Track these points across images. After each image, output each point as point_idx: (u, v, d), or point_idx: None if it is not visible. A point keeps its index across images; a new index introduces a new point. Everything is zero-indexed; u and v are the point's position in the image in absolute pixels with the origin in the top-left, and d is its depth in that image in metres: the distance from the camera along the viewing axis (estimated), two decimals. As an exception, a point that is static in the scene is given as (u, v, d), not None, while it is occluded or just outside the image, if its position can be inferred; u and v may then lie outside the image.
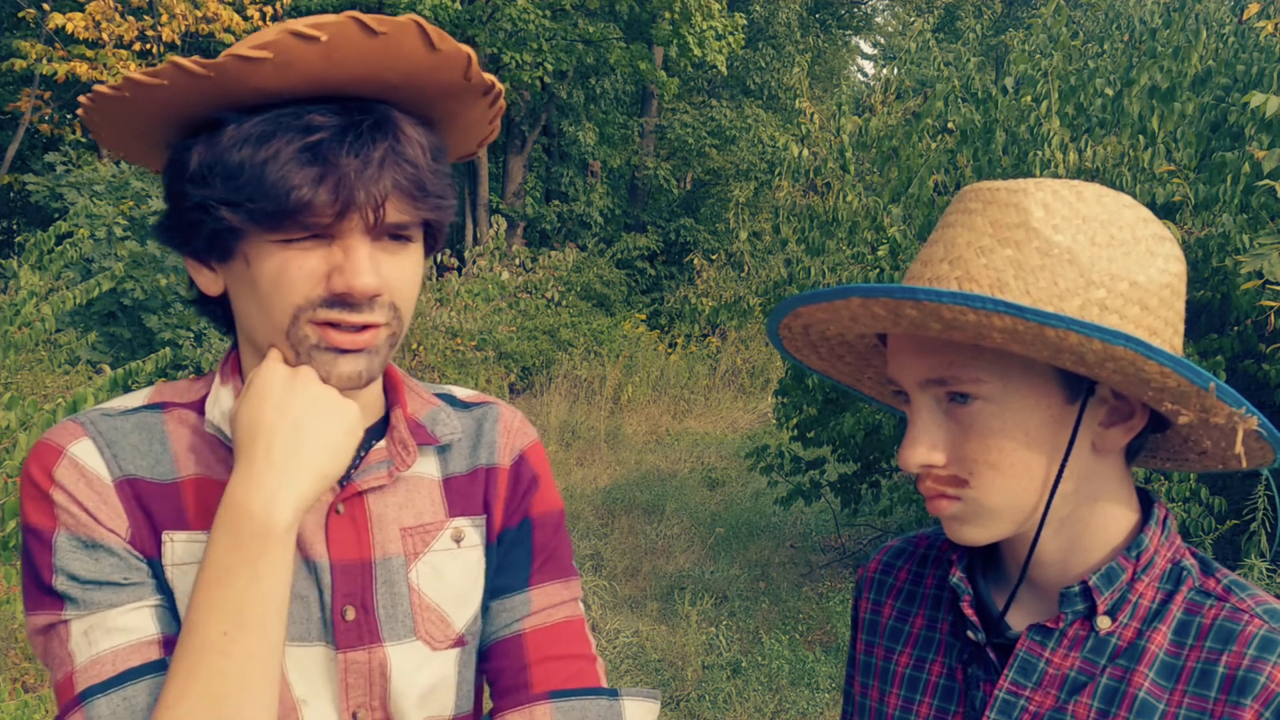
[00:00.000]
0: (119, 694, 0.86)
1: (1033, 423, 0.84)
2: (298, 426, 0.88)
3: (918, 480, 0.90)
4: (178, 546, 0.92)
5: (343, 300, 0.88)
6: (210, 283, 0.95)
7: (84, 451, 0.92)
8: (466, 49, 0.90)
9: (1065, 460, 0.84)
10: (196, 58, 0.83)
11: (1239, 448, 0.82)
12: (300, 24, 0.83)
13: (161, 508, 0.93)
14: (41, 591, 0.90)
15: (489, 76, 0.94)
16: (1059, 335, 0.75)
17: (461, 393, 1.11)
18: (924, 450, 0.87)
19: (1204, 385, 0.76)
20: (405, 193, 0.89)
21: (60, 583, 0.88)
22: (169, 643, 0.90)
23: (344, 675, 0.95)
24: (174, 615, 0.92)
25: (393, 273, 0.91)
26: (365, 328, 0.90)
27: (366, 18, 0.83)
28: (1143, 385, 0.79)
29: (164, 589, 0.92)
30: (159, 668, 0.88)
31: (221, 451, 0.96)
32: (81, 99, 0.91)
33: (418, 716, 0.98)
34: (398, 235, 0.91)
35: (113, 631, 0.88)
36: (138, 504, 0.92)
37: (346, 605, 0.95)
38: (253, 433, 0.88)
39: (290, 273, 0.87)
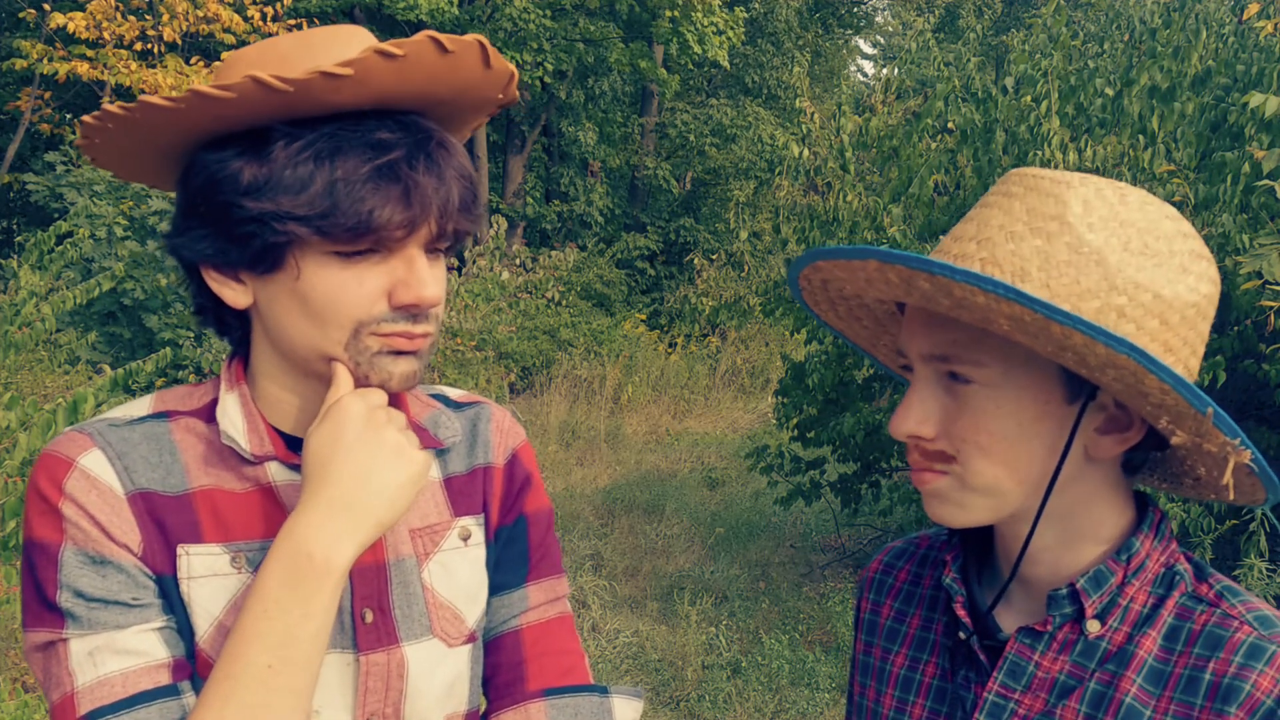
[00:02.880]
0: (129, 716, 0.85)
1: (1027, 415, 0.84)
2: (369, 471, 0.88)
3: (907, 451, 0.90)
4: (194, 560, 0.92)
5: (408, 312, 0.90)
6: (239, 295, 0.93)
7: (95, 463, 0.90)
8: (512, 67, 0.93)
9: (1062, 461, 0.84)
10: (276, 74, 0.82)
11: (1228, 478, 0.80)
12: (386, 44, 0.84)
13: (175, 521, 0.92)
14: (43, 607, 0.88)
15: (515, 92, 0.96)
16: (1064, 333, 0.74)
17: (453, 393, 1.13)
18: (913, 422, 0.87)
19: (1202, 410, 0.75)
20: (464, 207, 0.91)
21: (65, 599, 0.87)
22: (178, 666, 0.89)
23: (364, 679, 0.95)
24: (181, 634, 0.91)
25: (437, 283, 0.93)
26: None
27: (442, 37, 0.84)
28: (1141, 398, 0.78)
29: (172, 607, 0.91)
30: (169, 692, 0.87)
31: (233, 461, 0.95)
32: (111, 108, 0.86)
33: (438, 714, 0.99)
34: (440, 247, 0.93)
35: (122, 653, 0.87)
36: (150, 518, 0.91)
37: (365, 608, 0.96)
38: (323, 469, 0.88)
39: (351, 288, 0.89)
